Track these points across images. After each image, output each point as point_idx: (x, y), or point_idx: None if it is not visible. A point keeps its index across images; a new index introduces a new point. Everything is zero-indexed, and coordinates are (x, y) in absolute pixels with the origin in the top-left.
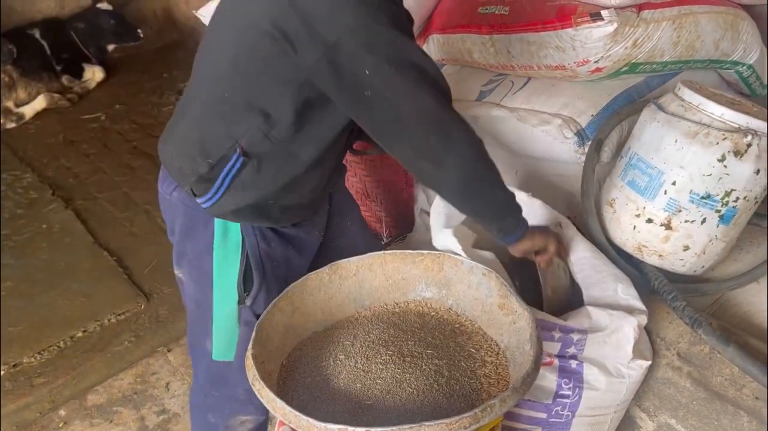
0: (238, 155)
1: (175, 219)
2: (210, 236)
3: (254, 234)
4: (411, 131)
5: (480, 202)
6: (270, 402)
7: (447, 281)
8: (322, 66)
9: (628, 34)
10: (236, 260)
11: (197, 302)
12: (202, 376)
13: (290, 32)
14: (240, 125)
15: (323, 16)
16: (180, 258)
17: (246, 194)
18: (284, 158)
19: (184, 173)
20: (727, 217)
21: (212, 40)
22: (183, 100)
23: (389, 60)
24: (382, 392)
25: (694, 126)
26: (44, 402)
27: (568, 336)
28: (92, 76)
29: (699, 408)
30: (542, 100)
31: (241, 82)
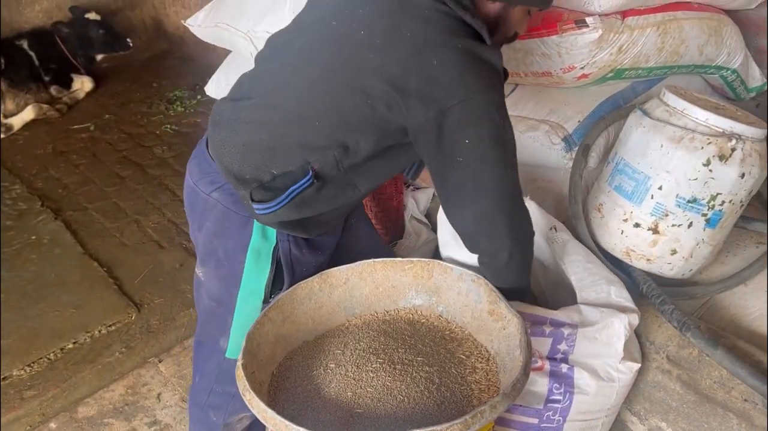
0: (311, 176)
1: (208, 218)
2: (246, 237)
3: (287, 240)
4: (485, 200)
5: (505, 281)
6: (261, 412)
7: (437, 288)
8: (430, 126)
9: (613, 41)
10: (268, 262)
11: (218, 300)
12: (210, 374)
13: (408, 91)
14: (318, 150)
15: (446, 82)
16: (207, 256)
17: (301, 210)
18: (345, 185)
19: (244, 178)
20: (713, 221)
21: (308, 66)
22: (254, 106)
23: (490, 136)
24: (373, 400)
25: (679, 131)
26: (34, 415)
27: (558, 330)
28: (81, 87)
29: (689, 411)
30: (529, 107)
31: (336, 116)
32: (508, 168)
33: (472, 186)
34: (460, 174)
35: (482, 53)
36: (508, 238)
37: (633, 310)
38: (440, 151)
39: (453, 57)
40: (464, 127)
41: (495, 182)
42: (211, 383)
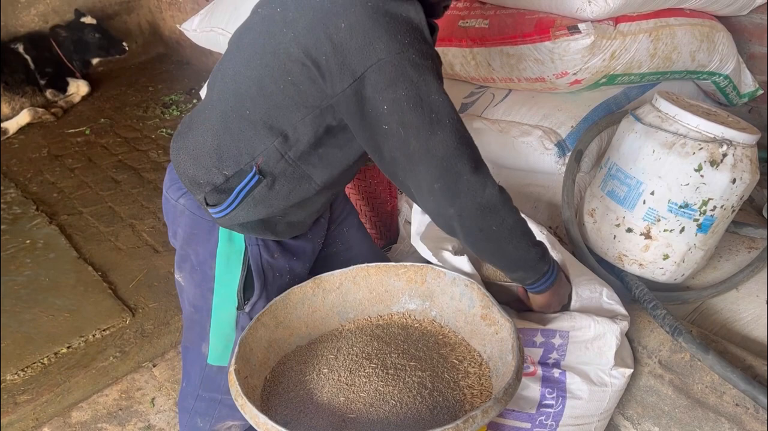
0: (254, 172)
1: (179, 224)
2: (214, 242)
3: (257, 244)
4: (416, 171)
5: (484, 252)
6: (253, 417)
7: (430, 293)
8: (348, 96)
9: (605, 47)
10: (238, 268)
11: (196, 306)
12: (195, 379)
13: (321, 61)
14: (258, 143)
15: (355, 49)
16: (182, 262)
17: (257, 210)
18: (298, 179)
19: (198, 182)
20: (705, 226)
21: (237, 58)
22: (200, 110)
23: (408, 98)
24: (366, 405)
25: (671, 137)
26: (28, 420)
27: (549, 341)
28: (77, 90)
29: (681, 415)
30: (523, 112)
31: (264, 102)
32: (437, 132)
33: (402, 156)
34: (389, 145)
35: (393, 8)
36: (452, 207)
37: (624, 316)
38: (364, 122)
39: (360, 17)
40: (381, 91)
41: (422, 148)
42: (197, 388)
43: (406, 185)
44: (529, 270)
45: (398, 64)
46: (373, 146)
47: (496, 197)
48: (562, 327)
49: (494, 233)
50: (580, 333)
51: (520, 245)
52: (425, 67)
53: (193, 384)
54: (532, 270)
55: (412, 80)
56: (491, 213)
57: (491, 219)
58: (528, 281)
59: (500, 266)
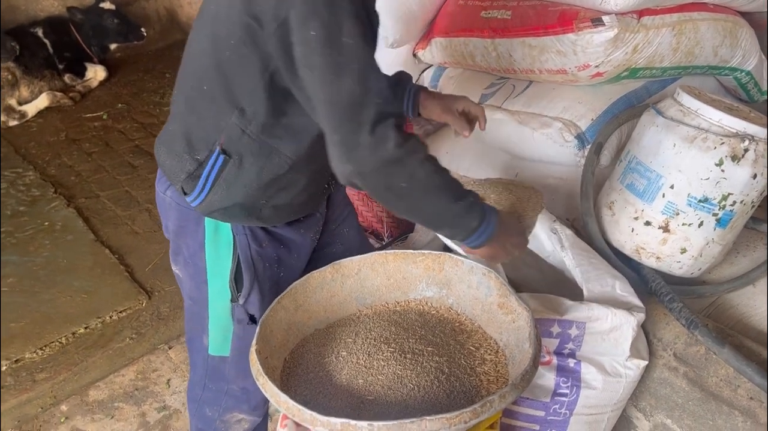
0: (218, 152)
1: (169, 218)
2: (202, 234)
3: (245, 234)
4: (321, 119)
5: (398, 210)
6: (274, 396)
7: (447, 280)
8: (277, 45)
9: (628, 40)
10: (228, 259)
11: (193, 298)
12: (200, 369)
13: (258, 13)
14: (219, 121)
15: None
16: (176, 256)
17: (232, 192)
18: (266, 155)
19: (174, 171)
20: (724, 220)
21: (193, 34)
22: (172, 98)
23: (316, 39)
24: (384, 388)
25: (693, 131)
26: (46, 397)
27: (566, 332)
28: (94, 75)
29: (694, 408)
30: (543, 104)
31: (217, 74)
32: (341, 75)
33: (315, 103)
34: (305, 92)
35: None
36: (350, 162)
37: (639, 308)
38: (289, 70)
39: None
40: (295, 32)
41: (326, 94)
42: (203, 378)
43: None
44: (456, 227)
45: (311, 2)
46: (301, 98)
47: (401, 150)
48: (579, 317)
49: (404, 189)
50: (597, 324)
51: (438, 201)
52: (341, 6)
53: (199, 374)
54: (458, 227)
55: (323, 19)
56: (397, 168)
57: (398, 175)
58: (458, 238)
59: (421, 223)
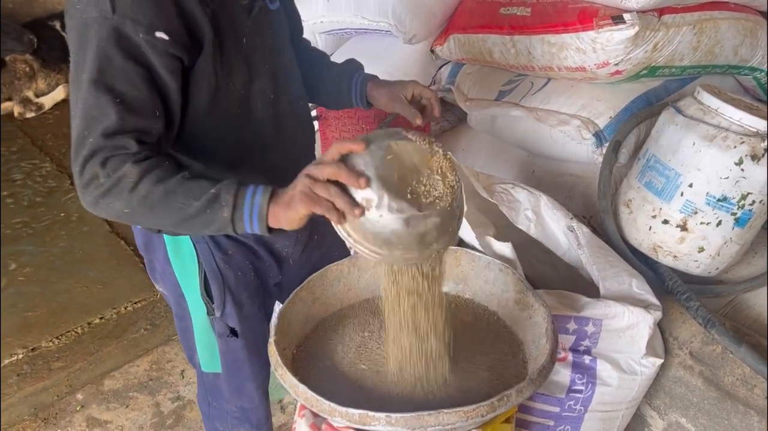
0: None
1: (136, 234)
2: (164, 246)
3: (205, 242)
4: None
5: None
6: (292, 386)
7: (464, 275)
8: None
9: (648, 38)
10: (194, 271)
11: (177, 314)
12: (202, 386)
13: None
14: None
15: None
16: (152, 272)
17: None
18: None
19: None
20: (742, 220)
21: None
22: None
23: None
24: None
25: (713, 129)
26: (62, 386)
27: (582, 328)
28: None
29: (709, 407)
30: (561, 101)
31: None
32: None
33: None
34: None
35: None
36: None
37: (656, 306)
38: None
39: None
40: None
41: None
42: (206, 396)
43: None
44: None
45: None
46: None
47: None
48: (595, 314)
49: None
50: (614, 321)
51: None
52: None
53: (202, 391)
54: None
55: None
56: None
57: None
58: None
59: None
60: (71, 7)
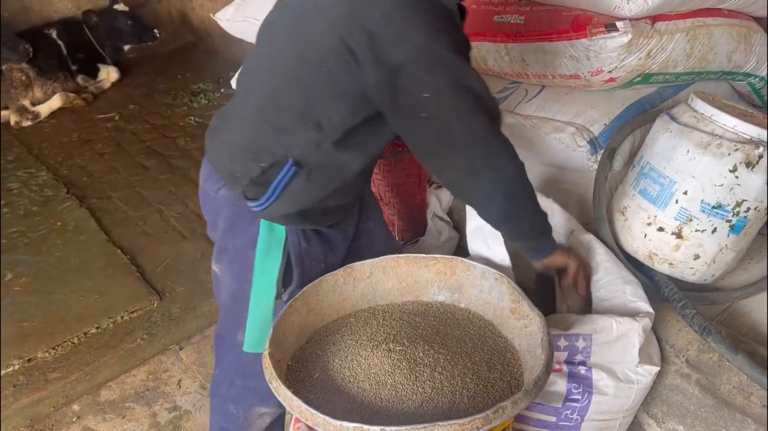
0: (291, 164)
1: (219, 216)
2: (254, 233)
3: (296, 233)
4: (459, 154)
5: (515, 222)
6: (287, 399)
7: (459, 285)
8: (384, 86)
9: (642, 45)
10: (278, 257)
11: (234, 295)
12: (230, 367)
13: (357, 50)
14: (293, 135)
15: (390, 38)
16: (221, 254)
17: (297, 201)
18: (335, 167)
19: (236, 176)
20: (737, 227)
21: (270, 48)
22: (234, 104)
23: (449, 85)
24: (396, 391)
25: (707, 137)
26: (58, 397)
27: (573, 344)
28: (107, 77)
29: (707, 415)
30: (556, 109)
31: (300, 93)
32: (477, 114)
33: (442, 141)
34: (426, 131)
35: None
36: (495, 186)
37: (647, 313)
38: (399, 110)
39: (394, 5)
40: (419, 80)
41: (465, 131)
42: (231, 375)
43: (445, 171)
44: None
45: (435, 51)
46: (410, 133)
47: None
48: (584, 330)
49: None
50: (603, 334)
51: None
52: (459, 53)
53: (228, 371)
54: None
55: (452, 67)
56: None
57: (523, 184)
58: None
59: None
60: None
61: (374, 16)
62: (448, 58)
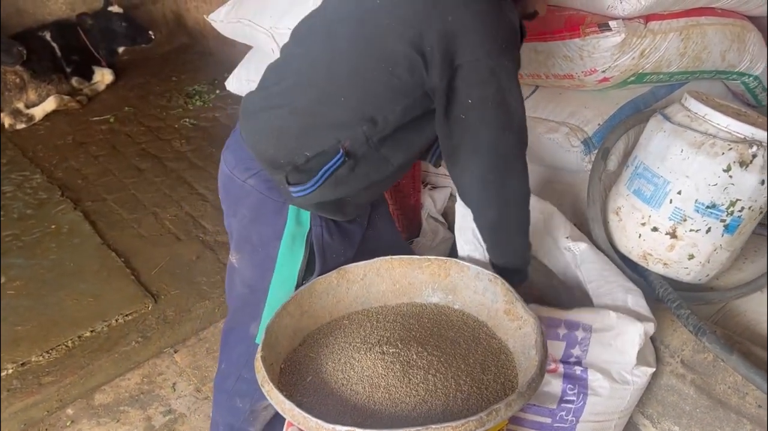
0: (342, 154)
1: (244, 205)
2: (281, 222)
3: (320, 225)
4: (478, 160)
5: (501, 241)
6: (279, 403)
7: (453, 286)
8: (445, 86)
9: (635, 45)
10: (301, 248)
11: (252, 286)
12: (239, 360)
13: (426, 52)
14: (347, 127)
15: (460, 44)
16: (242, 243)
17: (337, 190)
18: (378, 161)
19: (279, 162)
20: (731, 227)
21: (328, 43)
22: (279, 92)
23: (493, 98)
24: (390, 394)
25: (700, 136)
26: (52, 401)
27: (572, 333)
28: (102, 79)
29: (702, 415)
30: (550, 109)
31: (361, 88)
32: (506, 132)
33: (470, 145)
34: (459, 132)
35: (502, 12)
36: (496, 198)
37: (650, 319)
38: (447, 109)
39: (470, 13)
40: (470, 86)
41: (490, 143)
42: (240, 369)
43: (461, 170)
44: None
45: (494, 67)
46: (446, 131)
47: (530, 193)
48: (585, 319)
49: (521, 226)
50: (603, 326)
51: (527, 239)
52: (513, 72)
53: (236, 364)
54: (526, 263)
55: (501, 83)
56: (525, 206)
57: (524, 212)
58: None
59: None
60: None
61: (448, 20)
62: (501, 74)
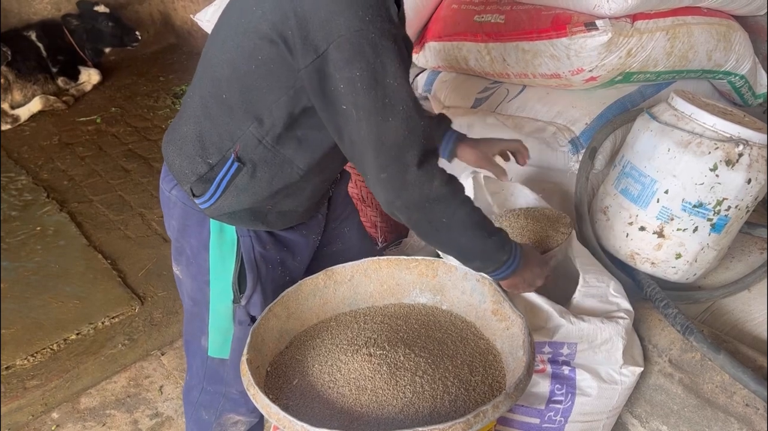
0: (233, 159)
1: (173, 216)
2: (206, 234)
3: (249, 236)
4: (366, 157)
5: (435, 244)
6: (265, 407)
7: (441, 287)
8: (311, 73)
9: (622, 44)
10: (231, 260)
11: (194, 299)
12: (198, 372)
13: (288, 36)
14: (235, 129)
15: (318, 24)
16: (178, 255)
17: (242, 199)
18: (279, 164)
19: (184, 172)
20: (718, 226)
21: (215, 41)
22: (185, 99)
23: (362, 79)
24: (376, 396)
25: (687, 135)
26: (37, 405)
27: (558, 351)
28: (88, 79)
29: (690, 414)
30: (537, 108)
31: (238, 84)
32: (389, 119)
33: (357, 140)
34: (346, 126)
35: None
36: (398, 199)
37: (627, 312)
38: (325, 100)
39: None
40: (339, 70)
41: (372, 134)
42: (201, 381)
43: (363, 174)
44: (487, 260)
45: (356, 42)
46: (334, 126)
47: (445, 189)
48: (570, 339)
49: (444, 224)
50: (587, 341)
51: (474, 237)
52: (385, 48)
53: (197, 376)
54: (489, 260)
55: (369, 60)
56: (440, 206)
57: (440, 212)
58: (487, 271)
59: (455, 256)
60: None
61: (305, 2)
62: (366, 49)
